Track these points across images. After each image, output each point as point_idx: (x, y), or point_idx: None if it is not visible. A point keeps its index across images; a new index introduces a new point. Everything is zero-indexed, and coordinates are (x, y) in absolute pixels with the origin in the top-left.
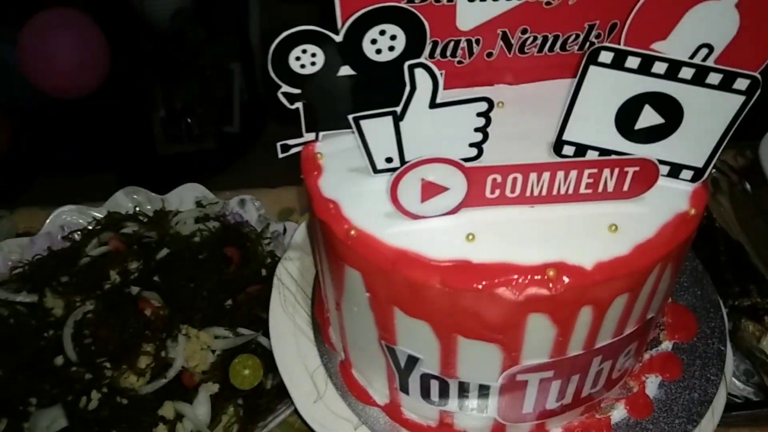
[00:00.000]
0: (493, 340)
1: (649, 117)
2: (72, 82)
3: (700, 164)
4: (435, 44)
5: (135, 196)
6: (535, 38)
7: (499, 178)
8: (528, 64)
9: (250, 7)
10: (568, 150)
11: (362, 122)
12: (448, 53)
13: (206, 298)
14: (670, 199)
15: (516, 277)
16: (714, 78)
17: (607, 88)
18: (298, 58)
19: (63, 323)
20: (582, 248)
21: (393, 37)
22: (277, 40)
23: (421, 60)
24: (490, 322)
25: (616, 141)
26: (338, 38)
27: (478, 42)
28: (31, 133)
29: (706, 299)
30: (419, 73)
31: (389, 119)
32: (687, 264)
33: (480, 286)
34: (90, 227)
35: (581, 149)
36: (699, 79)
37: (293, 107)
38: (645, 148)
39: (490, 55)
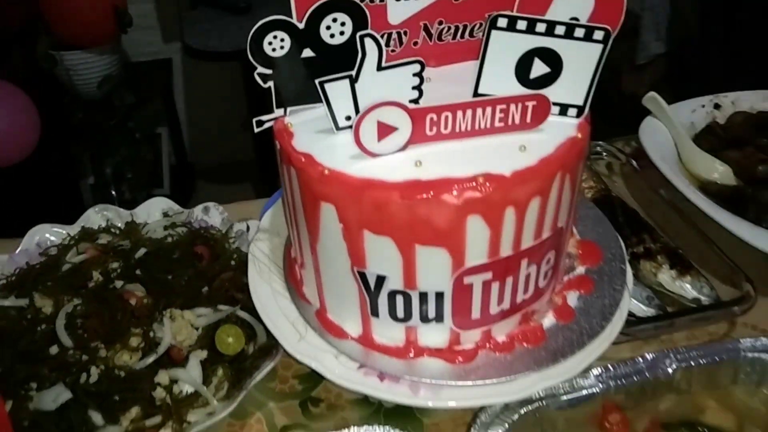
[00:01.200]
0: (443, 244)
1: (539, 68)
2: (1, 151)
3: (581, 102)
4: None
5: (105, 213)
6: (449, 28)
7: (435, 117)
8: (446, 49)
9: (174, 71)
10: None
11: (326, 85)
12: (384, 42)
13: (184, 286)
14: (563, 129)
15: (455, 185)
16: (579, 32)
17: (505, 47)
18: (270, 43)
19: (54, 318)
20: (502, 162)
21: (343, 24)
22: (254, 28)
23: (369, 31)
24: (438, 226)
25: (519, 89)
26: (301, 26)
27: (405, 33)
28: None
29: (606, 235)
30: (368, 42)
31: (347, 82)
32: (590, 211)
33: (429, 196)
34: (65, 242)
35: None
36: (569, 33)
37: (266, 86)
38: (541, 92)
39: (416, 44)
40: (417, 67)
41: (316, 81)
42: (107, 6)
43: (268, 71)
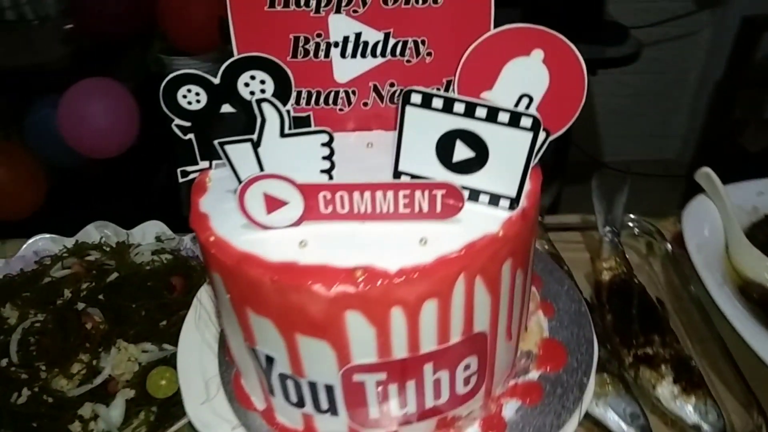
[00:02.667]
0: (323, 336)
1: (462, 151)
2: (104, 142)
3: (512, 194)
4: (318, 93)
5: (104, 230)
6: (401, 91)
7: (328, 195)
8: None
9: None
10: (405, 179)
11: (226, 147)
12: (330, 101)
13: (144, 317)
14: (484, 223)
15: (329, 276)
16: (503, 117)
17: (422, 125)
18: (184, 96)
19: (14, 330)
20: (392, 256)
21: (263, 82)
22: (164, 82)
23: (267, 97)
24: (314, 318)
25: (441, 172)
26: (216, 81)
27: (354, 93)
28: (66, 189)
29: (581, 337)
30: (266, 107)
31: (249, 146)
32: (571, 305)
33: (300, 284)
34: (59, 254)
35: (416, 179)
36: (492, 117)
37: (186, 138)
38: (466, 178)
39: (366, 104)
40: (324, 138)
41: (215, 142)
42: (215, 17)
43: (186, 123)
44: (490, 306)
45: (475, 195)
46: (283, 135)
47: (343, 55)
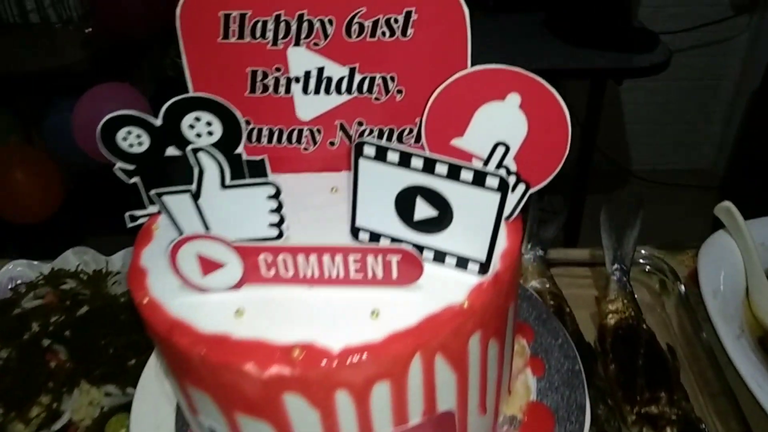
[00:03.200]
0: (263, 417)
1: (423, 209)
2: None
3: (482, 258)
4: (281, 131)
5: (83, 256)
6: (372, 131)
7: (269, 258)
8: None
9: None
10: (363, 236)
11: (164, 198)
12: (294, 140)
13: (112, 355)
14: (448, 291)
15: (263, 355)
16: (466, 175)
17: (378, 180)
18: (124, 138)
19: None
20: (337, 331)
21: (209, 123)
22: (102, 122)
23: (203, 146)
24: (250, 398)
25: (402, 230)
26: (158, 122)
27: (319, 131)
28: (81, 193)
29: (573, 402)
30: (203, 156)
31: (188, 196)
32: (564, 362)
33: (230, 362)
34: (35, 281)
35: (375, 236)
36: (453, 175)
37: (131, 182)
38: (430, 238)
39: (332, 143)
40: (270, 190)
41: (151, 192)
42: None
43: (130, 167)
44: (456, 384)
45: (440, 256)
46: (224, 186)
47: (305, 91)
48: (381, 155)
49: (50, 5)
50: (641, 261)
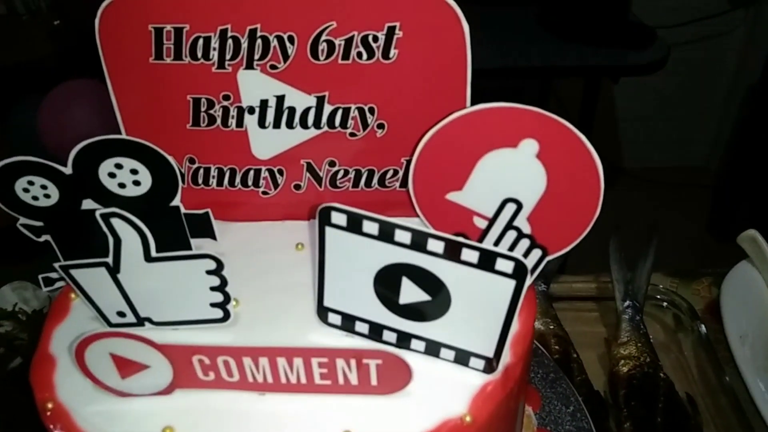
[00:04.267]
0: None
1: (411, 292)
2: None
3: (489, 353)
4: (233, 172)
5: (23, 292)
6: (347, 172)
7: (206, 360)
8: (345, 200)
9: None
10: (334, 318)
11: (73, 272)
12: (250, 182)
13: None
14: (444, 398)
15: None
16: (470, 255)
17: (352, 255)
18: (26, 190)
19: None
20: None
21: (134, 171)
22: None
23: (114, 210)
24: None
25: (383, 315)
26: (68, 171)
27: (281, 172)
28: None
29: None
30: (118, 224)
31: (104, 270)
32: (577, 423)
33: None
34: None
35: (349, 319)
36: (452, 254)
37: (41, 240)
38: (421, 326)
39: (298, 187)
40: (210, 264)
41: (56, 265)
42: None
43: (37, 223)
44: None
45: (434, 348)
46: (149, 259)
47: (261, 124)
48: (354, 225)
49: None
50: (656, 297)
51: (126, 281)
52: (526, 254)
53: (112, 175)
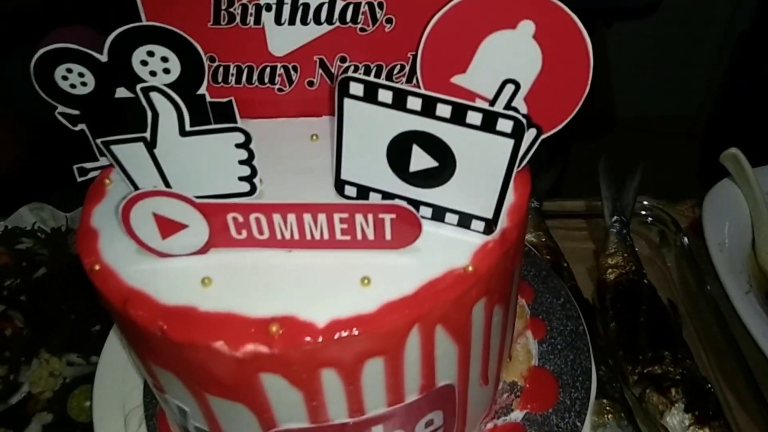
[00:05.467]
0: (237, 399)
1: (420, 159)
2: None
3: (488, 215)
4: (250, 70)
5: (40, 212)
6: (357, 67)
7: (240, 218)
8: None
9: None
10: (350, 191)
11: (113, 148)
12: (267, 79)
13: (73, 321)
14: (449, 253)
15: (236, 330)
16: (474, 117)
17: (367, 125)
18: (65, 78)
19: None
20: (322, 302)
21: (165, 59)
22: (34, 59)
23: (155, 84)
24: (221, 378)
25: (395, 184)
26: (103, 58)
27: (295, 69)
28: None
29: (577, 366)
30: (157, 98)
31: (141, 145)
32: (567, 324)
33: (196, 340)
34: None
35: (363, 190)
36: (458, 117)
37: (77, 129)
38: (428, 193)
39: (311, 83)
40: (239, 138)
41: (98, 141)
42: None
43: (74, 111)
44: (457, 356)
45: (439, 214)
46: (184, 133)
47: (278, 21)
48: (371, 95)
49: None
50: (641, 212)
51: (161, 156)
52: None
53: (144, 63)
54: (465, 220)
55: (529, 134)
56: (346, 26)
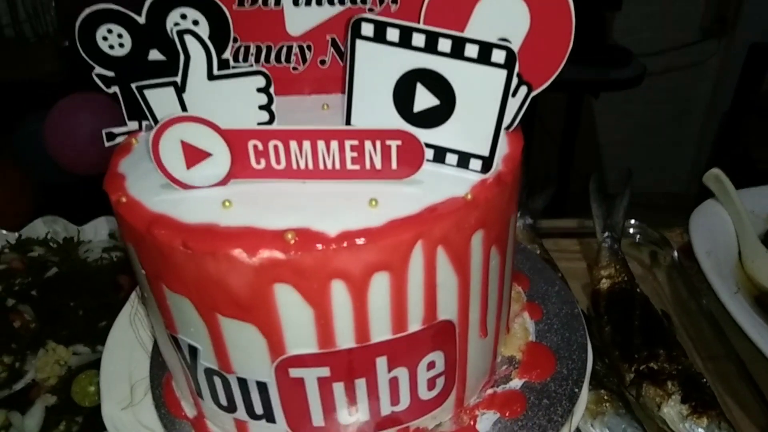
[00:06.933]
0: (249, 319)
1: (424, 98)
2: (90, 158)
3: (485, 152)
4: (269, 49)
5: (53, 225)
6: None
7: (260, 145)
8: None
9: None
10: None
11: (146, 92)
12: (283, 58)
13: (81, 317)
14: (450, 185)
15: (254, 239)
16: (471, 50)
17: (377, 64)
18: (105, 38)
19: None
20: (332, 217)
21: (195, 23)
22: (81, 17)
23: (189, 27)
24: (237, 294)
25: (400, 126)
26: (141, 20)
27: (309, 48)
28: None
29: (573, 342)
30: (190, 41)
31: (172, 90)
32: (562, 307)
33: (217, 249)
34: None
35: None
36: (457, 51)
37: (110, 91)
38: (429, 133)
39: (323, 62)
40: (261, 81)
41: (133, 86)
42: None
43: (109, 73)
44: (457, 288)
45: (440, 155)
46: (211, 77)
47: (296, 2)
48: (380, 34)
49: (26, 20)
50: (631, 231)
51: (189, 101)
52: (515, 92)
53: (176, 25)
54: (464, 160)
55: (521, 92)
56: (356, 6)
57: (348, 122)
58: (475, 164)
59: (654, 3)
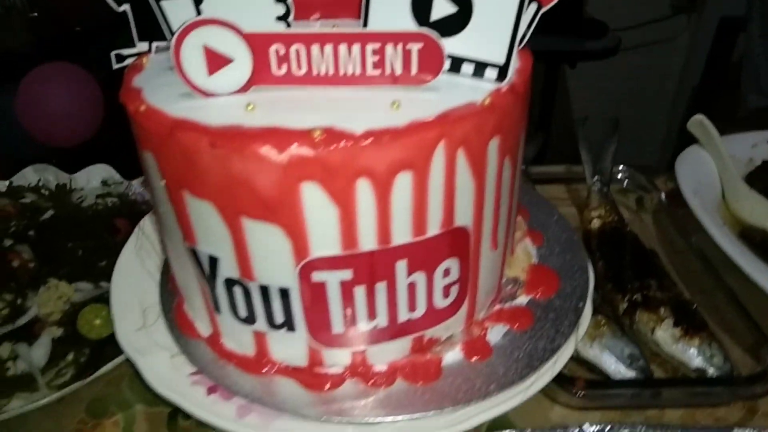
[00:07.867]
0: (274, 219)
1: (442, 5)
2: (65, 130)
3: (501, 60)
4: None
5: (44, 173)
6: None
7: (282, 50)
8: None
9: None
10: None
11: (163, 3)
12: None
13: (80, 257)
14: (467, 92)
15: (281, 138)
16: None
17: None
18: None
19: None
20: (357, 117)
21: None
22: None
23: None
24: (264, 193)
25: None
26: None
27: None
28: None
29: (574, 264)
30: None
31: (188, 2)
32: (562, 234)
33: (245, 147)
34: None
35: None
36: None
37: (120, 10)
38: (448, 42)
39: None
40: None
41: (151, 0)
42: None
43: None
44: (474, 193)
45: (456, 65)
46: None
47: None
48: None
49: None
50: (619, 176)
51: (206, 11)
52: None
53: None
54: (480, 70)
55: (531, 9)
56: None
57: (365, 23)
58: (491, 73)
59: None
